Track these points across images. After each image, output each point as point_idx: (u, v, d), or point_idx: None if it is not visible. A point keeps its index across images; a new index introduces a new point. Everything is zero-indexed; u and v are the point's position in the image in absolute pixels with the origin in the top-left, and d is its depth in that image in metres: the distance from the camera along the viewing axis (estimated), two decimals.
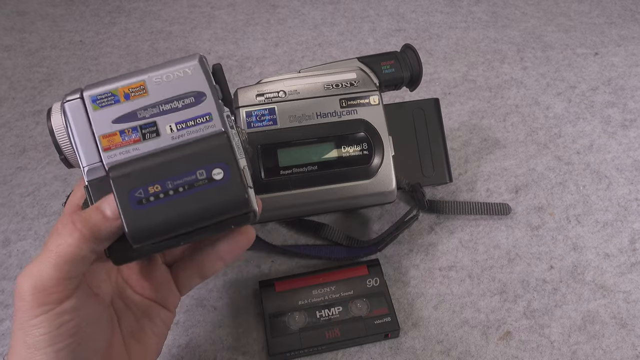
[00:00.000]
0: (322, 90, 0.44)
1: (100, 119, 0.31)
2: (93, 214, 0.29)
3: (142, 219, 0.28)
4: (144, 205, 0.28)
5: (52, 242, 0.28)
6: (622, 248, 0.49)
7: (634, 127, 0.61)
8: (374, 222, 0.52)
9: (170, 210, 0.28)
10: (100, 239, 0.29)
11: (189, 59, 0.32)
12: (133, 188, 0.28)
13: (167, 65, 0.32)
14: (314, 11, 0.79)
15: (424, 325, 0.44)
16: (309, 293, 0.44)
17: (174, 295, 0.37)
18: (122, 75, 0.32)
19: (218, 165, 0.29)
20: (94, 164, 0.30)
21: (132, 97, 0.31)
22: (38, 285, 0.27)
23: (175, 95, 0.31)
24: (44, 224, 0.52)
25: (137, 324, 0.35)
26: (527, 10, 0.79)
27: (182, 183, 0.29)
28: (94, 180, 0.30)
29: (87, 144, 0.30)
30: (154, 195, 0.28)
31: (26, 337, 0.28)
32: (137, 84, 0.31)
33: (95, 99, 0.31)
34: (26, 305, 0.28)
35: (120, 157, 0.30)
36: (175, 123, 0.31)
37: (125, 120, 0.31)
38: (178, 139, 0.31)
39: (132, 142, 0.30)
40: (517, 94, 0.65)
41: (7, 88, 0.67)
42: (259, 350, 0.43)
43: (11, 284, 0.47)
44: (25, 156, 0.58)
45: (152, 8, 0.80)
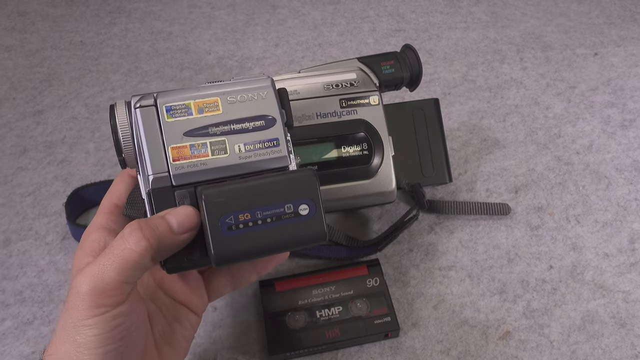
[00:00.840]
0: (322, 91, 0.44)
1: (173, 129, 0.31)
2: (160, 224, 0.29)
3: (229, 244, 0.29)
4: (232, 232, 0.29)
5: (118, 245, 0.29)
6: (622, 248, 0.49)
7: (633, 127, 0.61)
8: (374, 222, 0.52)
9: (256, 239, 0.29)
10: (162, 250, 0.29)
11: (261, 81, 0.33)
12: (225, 214, 0.29)
13: (241, 85, 0.33)
14: (314, 11, 0.79)
15: (423, 325, 0.44)
16: (309, 293, 0.44)
17: (203, 300, 0.37)
18: (196, 87, 0.32)
19: (305, 202, 0.30)
20: (161, 173, 0.31)
21: (205, 112, 0.32)
22: (99, 286, 0.28)
23: (248, 116, 0.32)
24: (45, 224, 0.52)
25: (168, 326, 0.35)
26: (527, 10, 0.79)
27: (270, 214, 0.30)
28: (158, 189, 0.31)
29: (156, 152, 0.31)
30: (243, 222, 0.29)
31: (77, 335, 0.28)
32: (212, 100, 0.32)
33: (170, 109, 0.31)
34: (83, 305, 0.28)
35: (187, 170, 0.31)
36: (245, 144, 0.32)
37: (197, 134, 0.31)
38: (244, 160, 0.32)
39: (200, 156, 0.31)
40: (517, 94, 0.65)
41: (7, 88, 0.67)
42: (259, 350, 0.43)
43: (12, 284, 0.47)
44: (26, 156, 0.58)
45: (152, 8, 0.80)
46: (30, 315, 0.45)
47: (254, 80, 0.33)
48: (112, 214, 0.35)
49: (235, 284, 0.38)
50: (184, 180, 0.31)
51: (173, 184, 0.31)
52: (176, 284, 0.36)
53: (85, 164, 0.57)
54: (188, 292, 0.36)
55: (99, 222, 0.34)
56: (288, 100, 0.34)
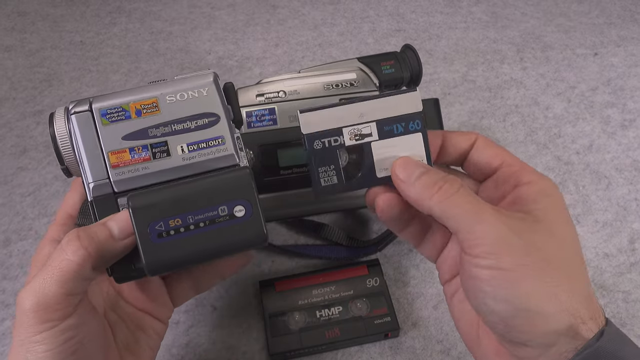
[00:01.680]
0: (322, 91, 0.44)
1: (110, 134, 0.30)
2: (99, 231, 0.28)
3: (161, 252, 0.28)
4: (163, 239, 0.28)
5: (56, 257, 0.28)
6: (622, 248, 0.49)
7: (633, 127, 0.61)
8: (374, 222, 0.52)
9: (190, 245, 0.28)
10: (104, 257, 0.28)
11: (203, 77, 0.31)
12: (153, 221, 0.28)
13: (181, 83, 0.31)
14: (314, 11, 0.79)
15: (423, 325, 0.44)
16: (309, 293, 0.44)
17: (168, 307, 0.37)
18: (133, 89, 0.31)
19: (240, 203, 0.29)
20: (101, 180, 0.30)
21: (143, 113, 0.30)
22: (41, 301, 0.27)
23: (189, 115, 0.31)
24: (45, 224, 0.52)
25: (131, 336, 0.34)
26: (527, 10, 0.79)
27: (203, 218, 0.28)
28: (100, 197, 0.30)
29: (94, 160, 0.30)
30: (174, 229, 0.28)
31: (28, 353, 0.27)
32: (150, 100, 0.30)
33: (105, 113, 0.30)
34: (29, 322, 0.27)
35: (128, 176, 0.30)
36: (187, 144, 0.30)
37: (136, 137, 0.30)
38: (188, 161, 0.30)
39: (141, 160, 0.30)
40: (517, 94, 0.65)
41: (7, 88, 0.67)
42: (259, 350, 0.43)
43: (12, 284, 0.47)
44: (26, 156, 0.58)
45: (152, 8, 0.80)
46: None
47: (196, 77, 0.31)
48: (65, 225, 0.34)
49: (199, 288, 0.38)
50: (125, 186, 0.30)
51: (115, 190, 0.30)
52: (137, 292, 0.35)
53: None
54: (150, 300, 0.36)
55: (51, 234, 0.34)
56: (235, 95, 0.32)
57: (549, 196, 0.30)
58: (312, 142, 0.32)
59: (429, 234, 0.34)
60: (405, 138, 0.32)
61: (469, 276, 0.28)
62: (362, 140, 0.32)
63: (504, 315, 0.27)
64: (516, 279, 0.27)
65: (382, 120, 0.32)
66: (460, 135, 0.33)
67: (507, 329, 0.27)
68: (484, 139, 0.33)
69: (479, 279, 0.27)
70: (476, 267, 0.27)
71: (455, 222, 0.28)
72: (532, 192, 0.30)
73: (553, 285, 0.27)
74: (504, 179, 0.31)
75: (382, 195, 0.32)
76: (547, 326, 0.26)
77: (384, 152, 0.32)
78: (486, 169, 0.33)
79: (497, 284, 0.27)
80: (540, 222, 0.28)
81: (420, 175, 0.30)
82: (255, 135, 0.42)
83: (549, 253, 0.27)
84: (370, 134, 0.32)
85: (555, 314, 0.26)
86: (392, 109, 0.32)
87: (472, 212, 0.28)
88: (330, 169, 0.32)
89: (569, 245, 0.29)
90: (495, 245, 0.27)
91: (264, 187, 0.42)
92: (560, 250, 0.28)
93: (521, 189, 0.30)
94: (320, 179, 0.32)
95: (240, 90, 0.44)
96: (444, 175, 0.30)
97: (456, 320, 0.33)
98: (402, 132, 0.32)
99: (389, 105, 0.32)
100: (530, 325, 0.26)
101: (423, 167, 0.30)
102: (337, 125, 0.32)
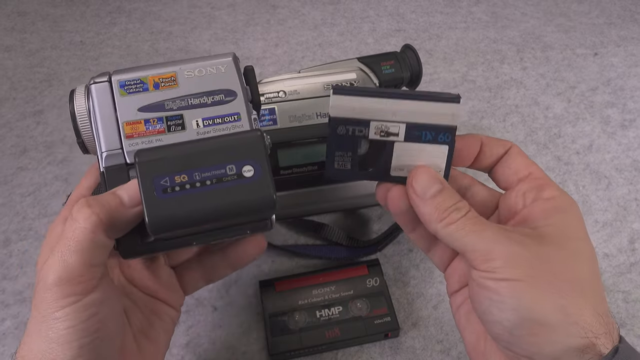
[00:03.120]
0: (322, 91, 0.44)
1: (127, 105, 0.30)
2: (110, 199, 0.28)
3: (164, 208, 0.27)
4: (168, 194, 0.27)
5: (69, 228, 0.27)
6: (622, 248, 0.49)
7: (633, 127, 0.61)
8: (374, 222, 0.52)
9: (195, 202, 0.27)
10: (115, 225, 0.28)
11: (223, 56, 0.31)
12: (158, 175, 0.27)
13: (200, 60, 0.31)
14: (314, 11, 0.79)
15: (423, 325, 0.44)
16: (309, 293, 0.44)
17: (179, 294, 0.37)
18: (153, 65, 0.31)
19: (249, 162, 0.28)
20: (114, 150, 0.29)
21: (161, 87, 0.30)
22: (64, 275, 0.26)
23: (206, 90, 0.31)
24: (45, 224, 0.52)
25: (146, 320, 0.34)
26: (527, 10, 0.79)
27: (210, 176, 0.27)
28: (112, 167, 0.29)
29: (109, 129, 0.30)
30: (180, 185, 0.27)
31: (49, 330, 0.26)
32: (168, 74, 0.30)
33: (124, 84, 0.30)
34: (52, 297, 0.26)
35: (141, 147, 0.29)
36: (203, 119, 0.30)
37: (152, 109, 0.30)
38: (203, 135, 0.30)
39: (155, 132, 0.30)
40: (517, 94, 0.65)
41: (7, 88, 0.67)
42: (259, 350, 0.43)
43: (12, 284, 0.47)
44: (26, 156, 0.58)
45: (152, 8, 0.80)
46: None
47: (215, 56, 0.31)
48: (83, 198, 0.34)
49: (209, 279, 0.38)
50: None
51: (127, 161, 0.29)
52: (148, 280, 0.35)
53: (85, 164, 0.57)
54: (161, 288, 0.36)
55: (64, 214, 0.33)
56: (254, 77, 0.32)
57: (564, 212, 0.30)
58: (337, 127, 0.31)
59: (438, 241, 0.34)
60: (430, 146, 0.31)
61: (476, 286, 0.28)
62: (387, 137, 0.31)
63: (508, 325, 0.27)
64: (522, 289, 0.27)
65: (413, 124, 0.31)
66: (497, 140, 0.33)
67: (512, 339, 0.27)
68: (518, 149, 0.33)
69: (486, 288, 0.27)
70: (483, 279, 0.28)
71: (461, 244, 0.28)
72: (546, 209, 0.30)
73: (560, 297, 0.26)
74: (526, 190, 0.31)
75: (395, 188, 0.32)
76: (552, 338, 0.26)
77: (404, 154, 0.31)
78: (513, 178, 0.32)
79: (503, 292, 0.27)
80: (547, 237, 0.28)
81: (435, 194, 0.30)
82: None
83: (557, 266, 0.27)
84: (396, 133, 0.31)
85: (561, 326, 0.26)
86: (428, 115, 0.31)
87: (477, 232, 0.28)
88: (347, 155, 0.31)
89: (581, 260, 0.28)
90: (501, 259, 0.27)
91: None
92: (571, 265, 0.28)
93: (539, 205, 0.30)
94: (335, 161, 0.31)
95: None
96: (456, 201, 0.30)
97: (462, 331, 0.33)
98: (429, 140, 0.31)
99: (426, 110, 0.31)
100: (535, 335, 0.26)
101: (440, 185, 0.30)
102: (365, 117, 0.31)
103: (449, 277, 0.34)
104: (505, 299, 0.27)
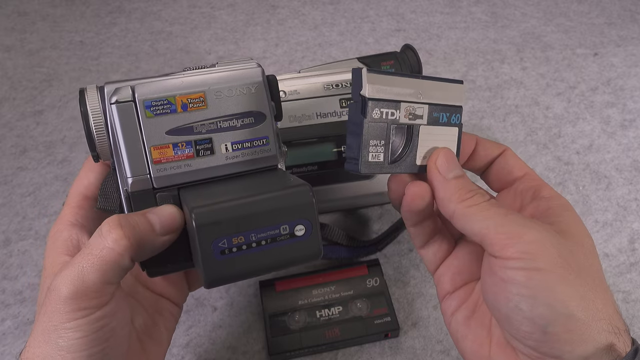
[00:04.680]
0: (322, 90, 0.44)
1: (154, 128, 0.28)
2: (141, 222, 0.28)
3: (221, 268, 0.27)
4: (225, 256, 0.27)
5: (96, 244, 0.27)
6: (622, 248, 0.49)
7: (633, 127, 0.61)
8: (374, 222, 0.52)
9: (250, 261, 0.28)
10: (144, 250, 0.28)
11: (252, 73, 0.30)
12: (217, 238, 0.27)
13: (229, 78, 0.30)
14: (314, 11, 0.79)
15: (423, 325, 0.44)
16: (309, 293, 0.44)
17: (184, 291, 0.37)
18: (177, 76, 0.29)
19: (301, 222, 0.28)
20: (141, 176, 0.29)
21: (190, 108, 0.29)
22: (80, 290, 0.26)
23: (236, 113, 0.30)
24: (45, 224, 0.52)
25: (150, 319, 0.34)
26: (527, 10, 0.79)
27: (265, 237, 0.28)
28: (138, 192, 0.29)
29: (135, 153, 0.28)
30: (237, 246, 0.27)
31: (59, 339, 0.26)
32: (197, 94, 0.29)
33: (150, 105, 0.28)
34: (65, 309, 0.26)
35: (169, 172, 0.29)
36: (232, 143, 0.29)
37: (181, 133, 0.29)
38: (232, 160, 0.30)
39: (184, 157, 0.29)
40: (517, 94, 0.65)
41: (7, 88, 0.67)
42: (259, 350, 0.43)
43: (12, 284, 0.47)
44: (26, 156, 0.58)
45: (152, 8, 0.80)
46: (30, 315, 0.45)
47: (243, 72, 0.30)
48: (82, 208, 0.33)
49: None
50: (166, 182, 0.29)
51: (154, 186, 0.29)
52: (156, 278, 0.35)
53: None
54: (168, 285, 0.35)
55: (67, 218, 0.32)
56: (278, 90, 0.31)
57: (569, 211, 0.30)
58: (373, 109, 0.29)
59: (437, 236, 0.33)
60: (445, 129, 0.31)
61: (500, 280, 0.26)
62: (414, 120, 0.30)
63: (542, 322, 0.25)
64: (554, 281, 0.25)
65: (433, 105, 0.30)
66: (492, 142, 0.33)
67: (544, 337, 0.25)
68: (512, 152, 0.33)
69: (513, 282, 0.26)
70: (509, 269, 0.26)
71: (483, 225, 0.27)
72: (554, 206, 0.30)
73: (589, 291, 0.25)
74: (522, 190, 0.31)
75: (414, 184, 0.30)
76: (585, 334, 0.25)
77: (427, 140, 0.31)
78: (508, 177, 0.32)
79: (535, 285, 0.25)
80: (567, 232, 0.28)
81: (457, 176, 0.30)
82: None
83: (580, 261, 0.27)
84: (421, 116, 0.30)
85: (593, 321, 0.25)
86: (442, 95, 0.31)
87: (502, 214, 0.27)
88: (380, 144, 0.29)
89: (594, 257, 0.28)
90: (529, 244, 0.26)
91: None
92: (590, 260, 0.27)
93: (541, 202, 0.30)
94: (370, 153, 0.29)
95: None
96: (478, 187, 0.30)
97: (460, 341, 0.32)
98: (444, 123, 0.31)
99: (440, 91, 0.30)
100: (570, 332, 0.25)
101: (461, 171, 0.30)
102: (397, 98, 0.29)
103: (440, 276, 0.33)
104: (537, 293, 0.25)
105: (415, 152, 0.31)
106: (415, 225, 0.33)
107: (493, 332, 0.30)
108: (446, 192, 0.29)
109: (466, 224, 0.28)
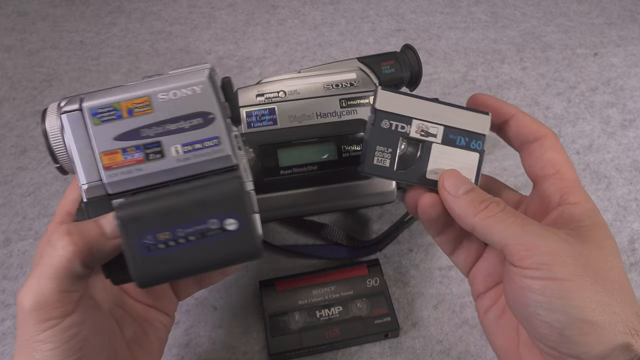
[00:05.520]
0: (322, 90, 0.44)
1: (101, 134, 0.29)
2: (91, 228, 0.28)
3: (150, 266, 0.27)
4: (152, 252, 0.27)
5: (47, 254, 0.27)
6: (622, 248, 0.49)
7: (633, 127, 0.61)
8: (374, 222, 0.52)
9: (181, 258, 0.27)
10: (95, 255, 0.28)
11: (198, 73, 0.30)
12: (142, 233, 0.27)
13: (174, 80, 0.29)
14: (314, 11, 0.79)
15: (423, 325, 0.44)
16: (309, 293, 0.44)
17: (172, 301, 0.37)
18: (126, 86, 0.30)
19: (231, 216, 0.27)
20: (94, 182, 0.29)
21: (135, 113, 0.29)
22: (40, 300, 0.26)
23: (183, 114, 0.29)
24: (45, 224, 0.52)
25: (139, 329, 0.35)
26: (527, 10, 0.79)
27: (193, 232, 0.27)
28: (94, 198, 0.29)
29: (87, 160, 0.29)
30: (164, 242, 0.27)
31: (34, 352, 0.27)
32: (142, 99, 0.29)
33: (96, 113, 0.29)
34: (31, 321, 0.27)
35: (121, 177, 0.29)
36: (182, 145, 0.29)
37: (128, 137, 0.29)
38: (184, 162, 0.29)
39: (134, 161, 0.29)
40: (517, 94, 0.65)
41: (7, 88, 0.67)
42: (259, 350, 0.43)
43: (12, 284, 0.47)
44: (26, 156, 0.58)
45: (152, 8, 0.80)
46: None
47: (190, 74, 0.30)
48: (64, 224, 0.33)
49: (202, 284, 0.38)
50: (119, 188, 0.29)
51: (109, 192, 0.29)
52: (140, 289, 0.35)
53: None
54: (154, 295, 0.36)
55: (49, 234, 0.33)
56: (232, 91, 0.31)
57: (594, 217, 0.30)
58: (381, 120, 0.32)
59: (464, 242, 0.34)
60: (463, 153, 0.33)
61: (519, 287, 0.27)
62: (426, 137, 0.33)
63: (559, 326, 0.26)
64: (570, 289, 0.26)
65: (450, 127, 0.33)
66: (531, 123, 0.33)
67: (562, 339, 0.26)
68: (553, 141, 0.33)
69: (531, 290, 0.27)
70: (527, 278, 0.27)
71: (502, 236, 0.28)
72: (577, 213, 0.30)
73: (605, 296, 0.26)
74: (550, 193, 0.31)
75: (426, 195, 0.32)
76: (601, 337, 0.26)
77: (440, 158, 0.33)
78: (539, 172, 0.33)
79: (551, 293, 0.26)
80: (587, 237, 0.28)
81: (467, 191, 0.30)
82: (255, 135, 0.42)
83: (598, 266, 0.27)
84: (435, 135, 0.33)
85: (609, 324, 0.26)
86: (463, 121, 0.33)
87: (519, 225, 0.28)
88: (387, 151, 0.32)
89: (616, 261, 0.28)
90: (546, 255, 0.27)
91: (264, 187, 0.42)
92: (610, 263, 0.28)
93: (565, 208, 0.30)
94: (375, 156, 0.32)
95: (240, 90, 0.44)
96: (490, 196, 0.30)
97: (491, 336, 0.33)
98: (462, 146, 0.33)
99: (462, 117, 0.33)
100: (585, 335, 0.26)
101: (470, 185, 0.31)
102: (409, 114, 0.32)
103: (473, 278, 0.34)
104: (553, 300, 0.26)
105: (426, 166, 0.33)
106: (439, 234, 0.34)
107: (520, 332, 0.31)
108: (461, 209, 0.30)
109: (486, 236, 0.29)
